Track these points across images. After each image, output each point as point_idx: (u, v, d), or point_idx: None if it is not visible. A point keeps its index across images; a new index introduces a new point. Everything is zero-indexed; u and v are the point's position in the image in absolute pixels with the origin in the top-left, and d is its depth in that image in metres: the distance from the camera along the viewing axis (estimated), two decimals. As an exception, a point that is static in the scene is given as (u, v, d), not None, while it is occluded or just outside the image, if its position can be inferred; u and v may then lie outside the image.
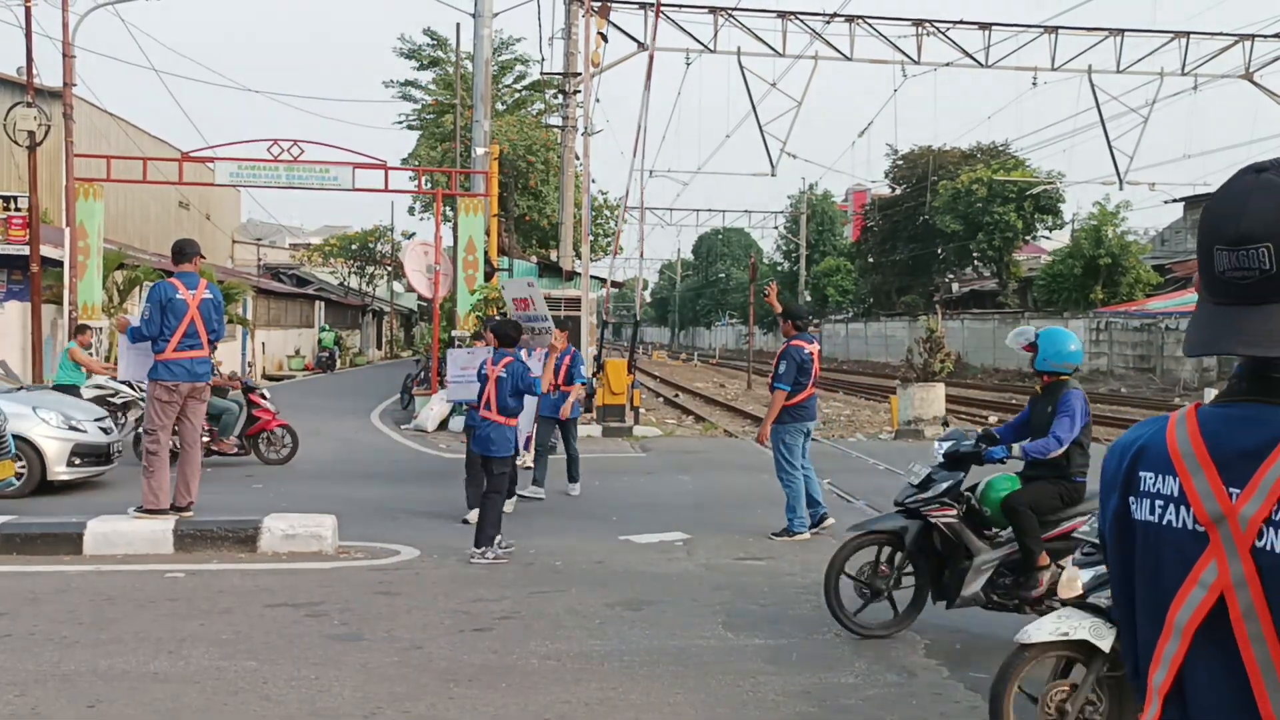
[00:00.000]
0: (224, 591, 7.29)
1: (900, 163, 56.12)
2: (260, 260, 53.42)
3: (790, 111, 25.85)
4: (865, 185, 65.08)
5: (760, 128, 25.85)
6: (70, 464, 11.14)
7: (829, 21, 24.52)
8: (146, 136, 35.97)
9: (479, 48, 20.70)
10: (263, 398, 14.02)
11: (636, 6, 23.44)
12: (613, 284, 30.78)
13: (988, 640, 6.52)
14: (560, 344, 10.75)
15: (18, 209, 20.48)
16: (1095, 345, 38.55)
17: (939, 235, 51.74)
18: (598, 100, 23.84)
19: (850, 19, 24.80)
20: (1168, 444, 1.52)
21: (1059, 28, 25.68)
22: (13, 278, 21.27)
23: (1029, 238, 51.34)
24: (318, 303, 50.23)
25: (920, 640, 6.42)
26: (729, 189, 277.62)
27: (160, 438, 9.03)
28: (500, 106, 33.79)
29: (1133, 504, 1.56)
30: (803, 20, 24.67)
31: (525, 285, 12.82)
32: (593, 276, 25.08)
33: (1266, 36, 26.55)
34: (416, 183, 25.63)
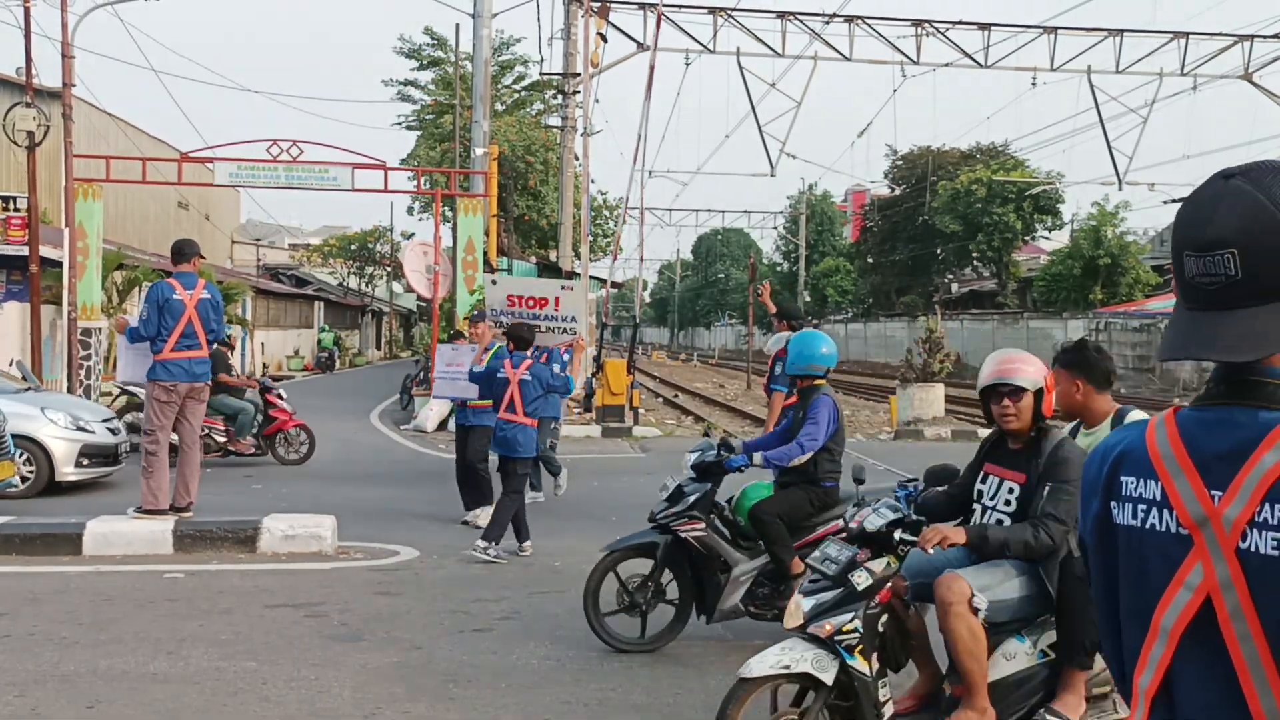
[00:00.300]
0: (223, 592, 7.29)
1: (899, 163, 56.16)
2: (259, 261, 53.42)
3: (790, 112, 25.90)
4: (864, 185, 65.15)
5: (760, 128, 25.88)
6: (79, 465, 11.14)
7: (828, 22, 24.54)
8: (146, 137, 35.97)
9: (478, 48, 20.71)
10: (279, 398, 14.03)
11: (636, 7, 23.45)
12: (612, 284, 30.78)
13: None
14: (582, 343, 10.72)
15: (17, 209, 20.46)
16: (1094, 345, 38.57)
17: (938, 235, 51.77)
18: (597, 101, 23.86)
19: (849, 19, 24.82)
20: (1148, 448, 1.53)
21: (1058, 28, 25.69)
22: (12, 278, 21.25)
23: (1028, 238, 51.38)
24: (317, 303, 50.25)
25: (920, 641, 6.41)
26: (728, 189, 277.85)
27: (159, 438, 9.02)
28: (500, 107, 33.79)
29: (1114, 508, 1.57)
30: (802, 21, 24.69)
31: (559, 286, 12.56)
32: (592, 277, 25.10)
33: (1266, 37, 26.58)
34: (416, 183, 25.65)
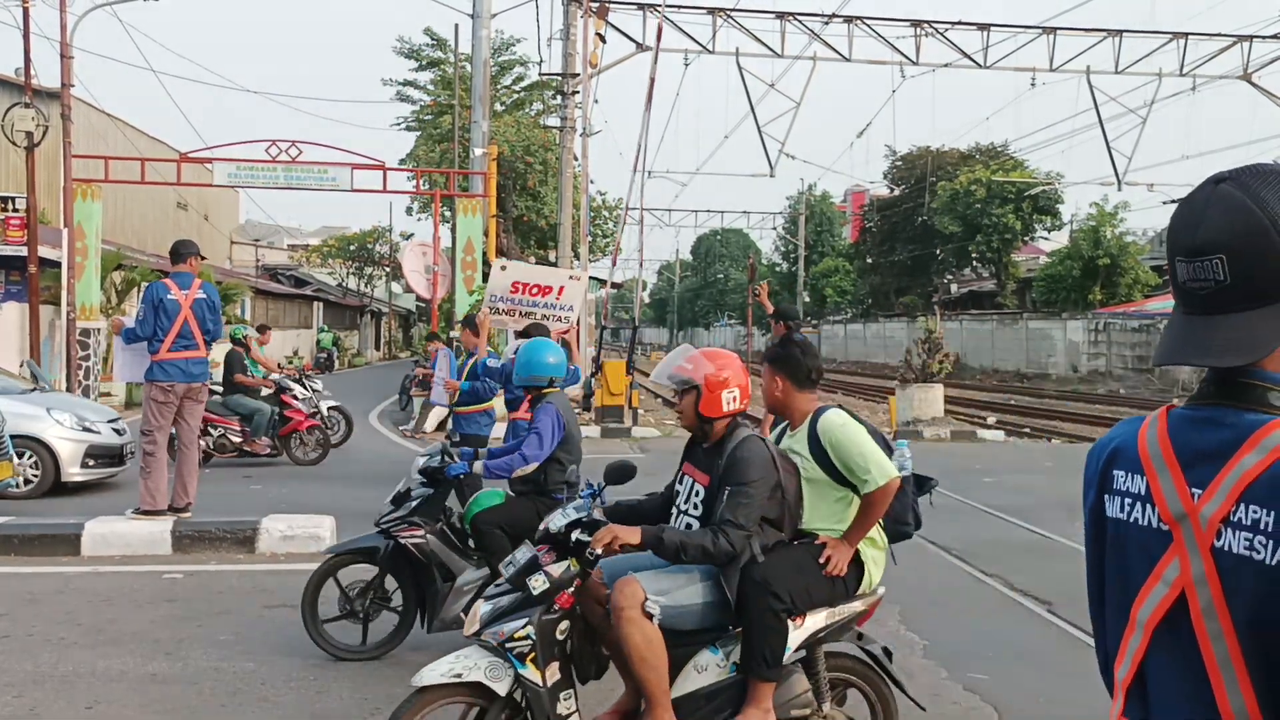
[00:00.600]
0: (222, 592, 7.29)
1: (899, 163, 56.20)
2: (259, 261, 53.43)
3: (789, 112, 25.90)
4: (864, 186, 65.22)
5: (759, 128, 25.87)
6: (84, 465, 11.13)
7: (827, 22, 24.53)
8: (145, 137, 35.97)
9: (477, 48, 20.70)
10: (295, 399, 14.02)
11: (635, 7, 23.44)
12: (612, 285, 30.79)
13: (987, 641, 6.53)
14: (565, 334, 10.50)
15: (16, 210, 20.48)
16: (1094, 346, 38.58)
17: (938, 236, 51.80)
18: (596, 101, 23.85)
19: (849, 20, 24.81)
20: (1138, 444, 1.57)
21: (1057, 28, 25.68)
22: (11, 278, 21.26)
23: (1027, 238, 51.43)
24: (316, 303, 50.25)
25: (918, 641, 6.41)
26: (727, 190, 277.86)
27: (157, 439, 9.02)
28: (499, 107, 33.79)
29: (1106, 501, 1.62)
30: (801, 21, 24.68)
31: (566, 275, 12.65)
32: (592, 277, 25.09)
33: (1265, 37, 26.58)
34: (415, 183, 25.64)
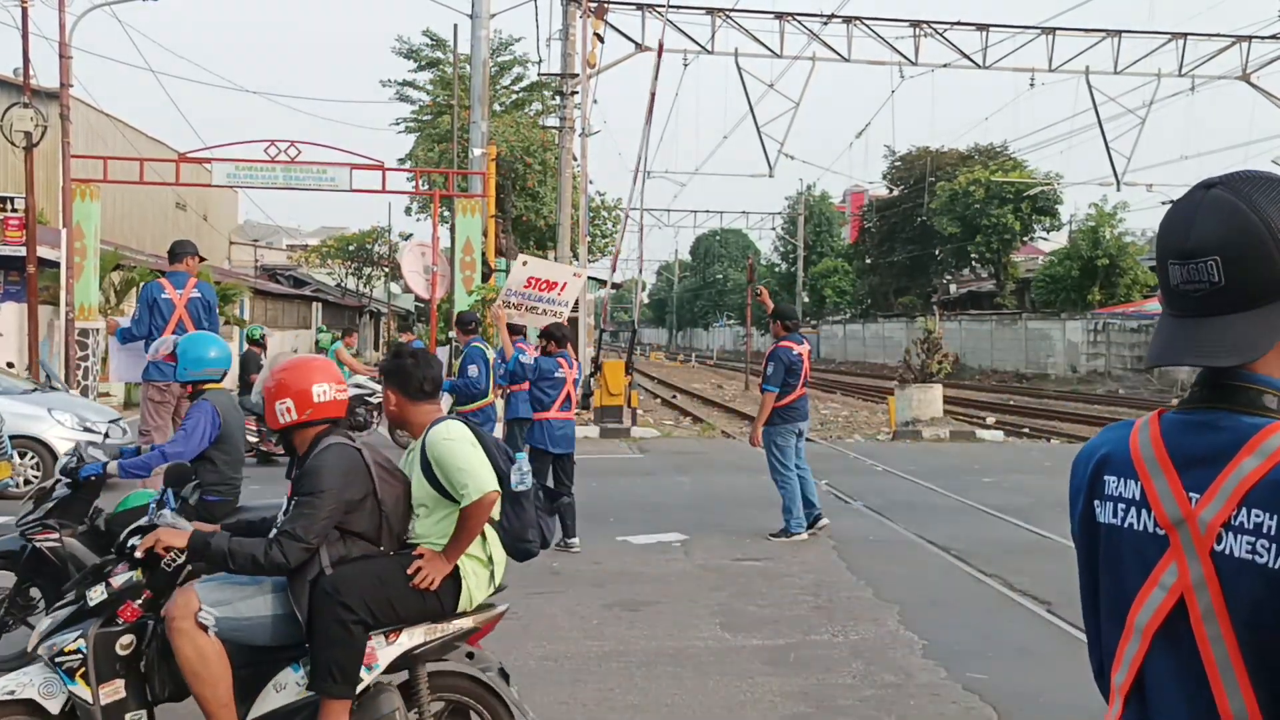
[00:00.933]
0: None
1: (898, 164, 56.21)
2: (257, 261, 53.40)
3: (788, 112, 25.94)
4: (863, 186, 65.22)
5: (758, 129, 25.86)
6: None
7: (826, 22, 24.53)
8: (144, 137, 35.95)
9: (476, 48, 20.68)
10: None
11: (634, 8, 23.43)
12: (611, 286, 30.79)
13: (987, 641, 6.53)
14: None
15: (14, 210, 20.46)
16: (1093, 346, 38.59)
17: (937, 236, 51.81)
18: (595, 101, 23.80)
19: (848, 20, 24.81)
20: (1130, 448, 1.56)
21: (1056, 29, 25.68)
22: (9, 278, 21.25)
23: (1026, 239, 51.44)
24: (315, 304, 50.22)
25: (918, 641, 6.41)
26: (727, 190, 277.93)
27: (155, 438, 9.01)
28: (498, 107, 33.77)
29: (1097, 507, 1.60)
30: (800, 21, 24.67)
31: (571, 272, 12.83)
32: (591, 278, 25.09)
33: (1263, 38, 26.58)
34: (414, 183, 25.62)
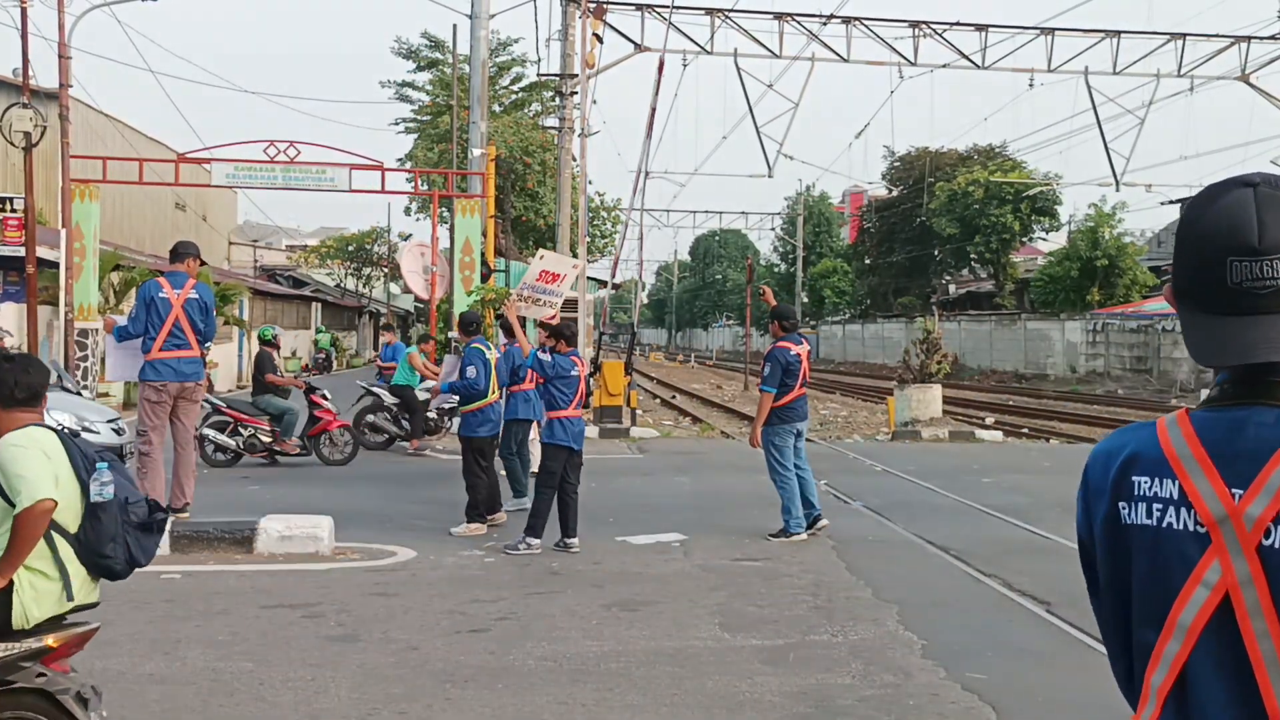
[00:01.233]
0: (220, 593, 7.28)
1: (897, 164, 56.22)
2: (257, 262, 53.39)
3: (787, 113, 25.91)
4: (862, 187, 65.28)
5: (757, 129, 25.85)
6: None
7: (825, 23, 24.52)
8: (143, 138, 35.94)
9: (475, 49, 20.65)
10: (324, 399, 14.05)
11: (633, 8, 23.42)
12: (611, 287, 30.80)
13: (986, 641, 6.53)
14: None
15: (13, 210, 20.44)
16: (1092, 347, 38.60)
17: (936, 237, 51.82)
18: (594, 102, 23.74)
19: (847, 20, 24.79)
20: (1162, 447, 1.54)
21: (1055, 29, 25.66)
22: (9, 279, 21.23)
23: (1026, 239, 51.46)
24: (314, 304, 50.21)
25: (917, 641, 6.41)
26: (726, 190, 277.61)
27: (152, 438, 9.02)
28: (497, 108, 33.79)
29: (1124, 509, 1.58)
30: (799, 22, 24.66)
31: (571, 265, 13.01)
32: (591, 278, 25.08)
33: (1262, 38, 26.56)
34: (413, 184, 25.62)
